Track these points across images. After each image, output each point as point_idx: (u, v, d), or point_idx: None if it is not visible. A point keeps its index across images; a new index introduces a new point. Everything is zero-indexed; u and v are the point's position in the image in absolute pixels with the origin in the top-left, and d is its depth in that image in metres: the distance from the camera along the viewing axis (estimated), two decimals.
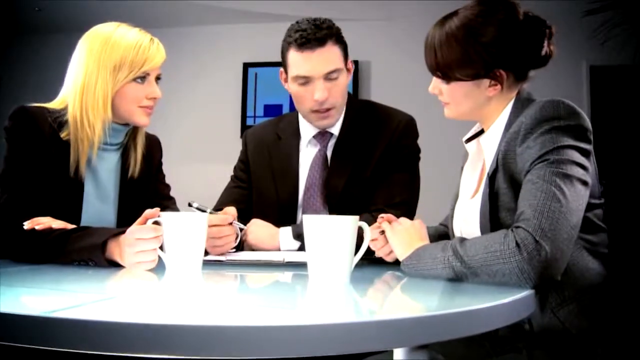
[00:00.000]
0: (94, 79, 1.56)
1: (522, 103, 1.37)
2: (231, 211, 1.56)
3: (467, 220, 1.42)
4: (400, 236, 1.37)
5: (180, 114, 4.86)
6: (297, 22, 1.79)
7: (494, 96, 1.39)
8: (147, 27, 1.66)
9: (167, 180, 1.90)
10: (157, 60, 1.61)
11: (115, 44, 1.57)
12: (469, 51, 1.32)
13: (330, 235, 1.14)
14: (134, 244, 1.25)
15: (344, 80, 1.82)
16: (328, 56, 1.75)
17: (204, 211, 1.51)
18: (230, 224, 1.54)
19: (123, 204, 1.70)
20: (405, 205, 1.79)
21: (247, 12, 4.75)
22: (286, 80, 1.86)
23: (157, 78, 1.65)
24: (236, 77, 4.88)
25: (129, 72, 1.57)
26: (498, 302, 0.92)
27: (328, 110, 1.80)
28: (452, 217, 1.55)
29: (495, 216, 1.29)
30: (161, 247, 1.27)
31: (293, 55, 1.77)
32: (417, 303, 1.07)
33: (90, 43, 1.59)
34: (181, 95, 4.89)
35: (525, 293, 1.03)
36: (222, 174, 4.90)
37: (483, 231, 1.33)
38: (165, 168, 1.89)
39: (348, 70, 1.84)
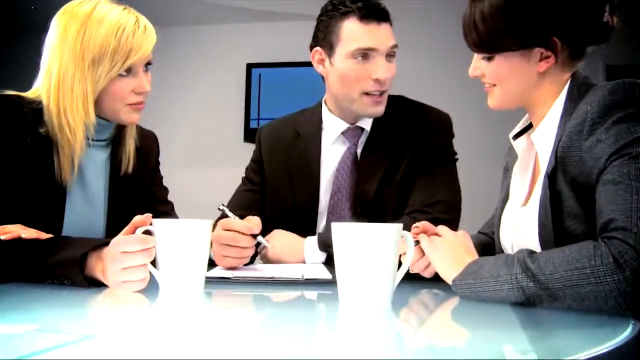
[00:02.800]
0: (70, 74, 1.31)
1: (579, 88, 1.17)
2: (256, 222, 1.35)
3: (521, 231, 1.21)
4: (443, 251, 1.14)
5: (181, 116, 4.71)
6: None
7: (547, 76, 1.19)
8: None
9: (166, 184, 1.68)
10: (145, 48, 1.35)
11: (92, 31, 1.31)
12: (519, 15, 1.14)
13: (369, 247, 0.90)
14: (120, 259, 1.01)
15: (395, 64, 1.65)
16: (390, 32, 1.60)
17: (227, 216, 1.37)
18: (254, 237, 1.35)
19: (113, 209, 1.47)
20: (446, 205, 1.58)
21: (250, 10, 4.58)
22: (322, 62, 1.65)
23: (148, 64, 1.40)
24: (239, 79, 4.72)
25: (112, 66, 1.31)
26: (611, 346, 0.67)
27: (383, 94, 1.61)
28: (498, 226, 1.33)
29: (559, 225, 1.08)
30: (153, 263, 1.03)
31: (352, 27, 1.57)
32: (486, 344, 0.82)
33: (64, 26, 1.34)
34: (182, 97, 4.73)
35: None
36: (224, 179, 4.69)
37: (544, 244, 1.11)
38: (164, 172, 1.69)
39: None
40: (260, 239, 1.35)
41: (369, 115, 1.63)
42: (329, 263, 1.51)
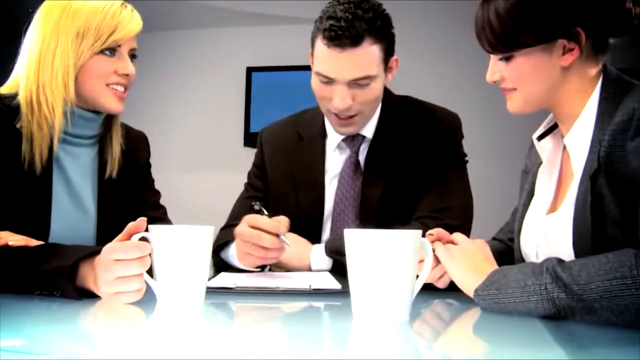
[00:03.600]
0: (51, 49, 1.26)
1: (613, 83, 1.11)
2: (284, 222, 1.29)
3: (550, 238, 1.13)
4: (460, 259, 1.07)
5: (180, 120, 4.64)
6: (335, 1, 1.45)
7: (571, 70, 1.12)
8: (143, 29, 1.36)
9: (165, 190, 1.60)
10: (132, 27, 1.30)
11: (78, 7, 1.27)
12: (537, 6, 1.08)
13: (386, 256, 0.82)
14: (113, 268, 0.92)
15: (378, 86, 1.48)
16: (360, 60, 1.41)
17: (263, 213, 1.33)
18: (277, 236, 1.28)
19: (103, 213, 1.39)
20: (457, 211, 1.51)
21: (250, 13, 4.53)
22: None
23: (133, 56, 1.34)
24: (239, 82, 4.65)
25: (95, 40, 1.26)
26: None
27: (351, 117, 1.50)
28: (519, 232, 1.26)
29: (598, 232, 1.00)
30: (150, 272, 0.95)
31: (319, 47, 1.45)
32: None
33: (47, 11, 1.30)
34: (181, 100, 4.67)
35: None
36: (223, 184, 4.66)
37: (579, 252, 1.04)
38: (162, 176, 1.64)
39: (389, 70, 1.51)
40: (282, 237, 1.28)
41: (338, 132, 1.56)
42: (335, 270, 1.44)
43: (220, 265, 1.49)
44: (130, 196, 1.44)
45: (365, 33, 1.39)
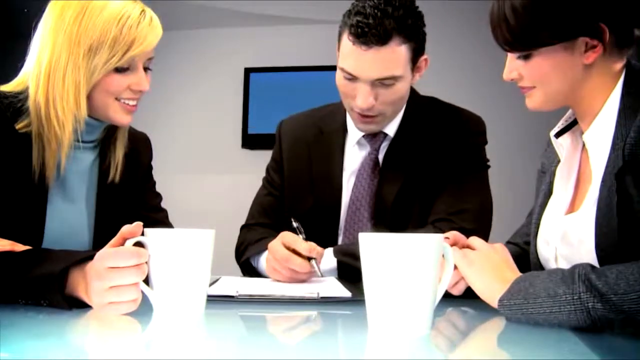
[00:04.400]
0: (63, 61, 1.16)
1: (637, 78, 1.04)
2: (319, 251, 1.29)
3: (570, 241, 1.06)
4: (479, 265, 1.00)
5: (176, 121, 4.60)
6: None
7: (594, 67, 1.05)
8: None
9: (162, 193, 1.54)
10: (149, 41, 1.21)
11: (93, 15, 1.17)
12: (558, 2, 1.00)
13: (406, 262, 0.75)
14: (106, 276, 0.85)
15: (403, 86, 1.43)
16: (386, 59, 1.36)
17: (300, 232, 1.32)
18: (309, 259, 1.27)
19: (101, 217, 1.32)
20: (472, 214, 1.45)
21: (248, 13, 4.48)
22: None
23: (148, 68, 1.26)
24: (237, 83, 4.61)
25: (109, 57, 1.16)
26: None
27: (373, 116, 1.45)
28: (535, 235, 1.19)
29: (626, 234, 0.93)
30: (146, 281, 0.87)
31: (345, 42, 1.39)
32: None
33: (60, 8, 1.20)
34: (178, 101, 4.63)
35: None
36: (221, 186, 4.64)
37: (603, 256, 0.97)
38: (159, 178, 1.55)
39: (417, 69, 1.45)
40: (314, 264, 1.26)
41: (359, 129, 1.52)
42: (342, 275, 1.38)
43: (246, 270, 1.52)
44: (129, 199, 1.37)
45: (393, 32, 1.33)
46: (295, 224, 1.32)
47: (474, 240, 1.05)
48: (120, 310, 0.86)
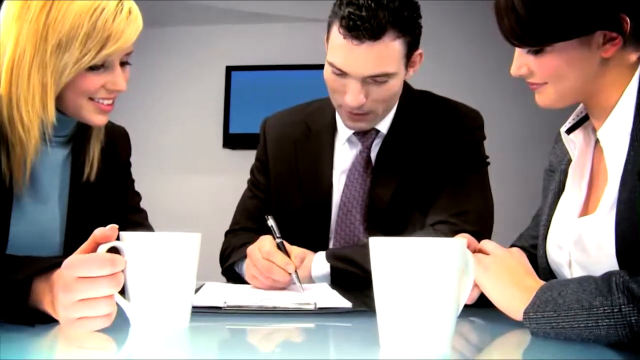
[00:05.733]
0: (28, 57, 1.03)
1: None
2: (298, 257, 1.20)
3: (586, 244, 0.98)
4: (496, 272, 0.91)
5: (154, 120, 4.51)
6: None
7: (611, 61, 0.97)
8: None
9: (143, 193, 1.44)
10: (127, 36, 1.08)
11: (62, 6, 1.03)
12: None
13: (425, 271, 0.65)
14: (75, 288, 0.74)
15: (396, 83, 1.35)
16: (379, 55, 1.27)
17: (277, 237, 1.22)
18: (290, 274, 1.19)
19: (74, 219, 1.20)
20: (475, 216, 1.38)
21: (230, 10, 4.42)
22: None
23: (126, 62, 1.15)
24: (218, 82, 4.54)
25: (82, 55, 1.04)
26: None
27: (363, 114, 1.36)
28: (544, 238, 1.11)
29: None
30: (122, 291, 0.76)
31: (334, 34, 1.30)
32: None
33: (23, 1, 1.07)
34: (156, 100, 4.55)
35: None
36: (202, 187, 4.56)
37: (625, 261, 0.88)
38: (138, 179, 1.45)
39: (411, 64, 1.37)
40: (294, 277, 1.17)
41: (348, 127, 1.44)
42: (335, 282, 1.30)
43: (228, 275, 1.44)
44: (107, 199, 1.26)
45: (387, 25, 1.24)
46: (269, 223, 1.23)
47: (487, 244, 0.96)
48: (91, 326, 0.75)
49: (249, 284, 1.25)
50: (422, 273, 0.65)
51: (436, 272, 0.65)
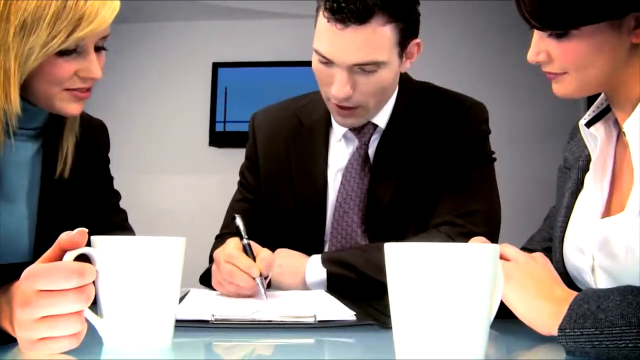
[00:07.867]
0: None
1: None
2: (265, 261, 1.11)
3: (614, 249, 0.90)
4: (520, 281, 0.81)
5: (139, 118, 4.46)
6: None
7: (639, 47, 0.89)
8: None
9: (122, 193, 1.35)
10: (102, 18, 0.97)
11: None
12: None
13: (455, 281, 0.55)
14: (35, 303, 0.63)
15: (388, 74, 1.26)
16: (366, 41, 1.19)
17: (243, 237, 1.14)
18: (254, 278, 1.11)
19: (45, 220, 1.10)
20: (482, 216, 1.32)
21: (216, 6, 4.41)
22: None
23: (102, 47, 1.04)
24: (204, 79, 4.52)
25: (50, 38, 0.93)
26: None
27: (351, 108, 1.28)
28: (561, 240, 1.04)
29: None
30: (93, 305, 0.65)
31: (320, 19, 1.22)
32: None
33: None
34: (141, 97, 4.50)
35: None
36: (186, 187, 4.50)
37: None
38: (120, 178, 1.37)
39: (407, 55, 1.28)
40: (258, 282, 1.08)
41: (337, 123, 1.36)
42: (333, 289, 1.22)
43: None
44: (82, 198, 1.16)
45: (375, 8, 1.15)
46: (237, 222, 1.16)
47: (507, 249, 0.87)
48: (56, 348, 0.64)
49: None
50: (453, 284, 0.55)
51: (468, 283, 0.55)
